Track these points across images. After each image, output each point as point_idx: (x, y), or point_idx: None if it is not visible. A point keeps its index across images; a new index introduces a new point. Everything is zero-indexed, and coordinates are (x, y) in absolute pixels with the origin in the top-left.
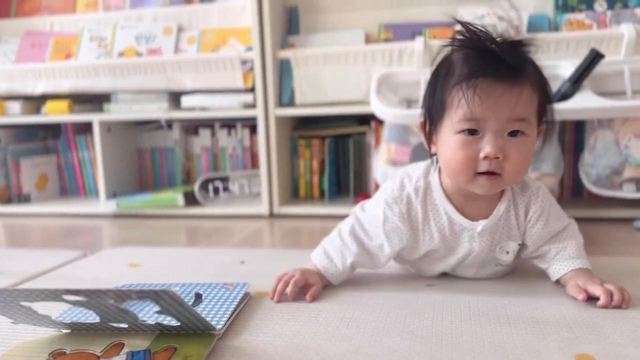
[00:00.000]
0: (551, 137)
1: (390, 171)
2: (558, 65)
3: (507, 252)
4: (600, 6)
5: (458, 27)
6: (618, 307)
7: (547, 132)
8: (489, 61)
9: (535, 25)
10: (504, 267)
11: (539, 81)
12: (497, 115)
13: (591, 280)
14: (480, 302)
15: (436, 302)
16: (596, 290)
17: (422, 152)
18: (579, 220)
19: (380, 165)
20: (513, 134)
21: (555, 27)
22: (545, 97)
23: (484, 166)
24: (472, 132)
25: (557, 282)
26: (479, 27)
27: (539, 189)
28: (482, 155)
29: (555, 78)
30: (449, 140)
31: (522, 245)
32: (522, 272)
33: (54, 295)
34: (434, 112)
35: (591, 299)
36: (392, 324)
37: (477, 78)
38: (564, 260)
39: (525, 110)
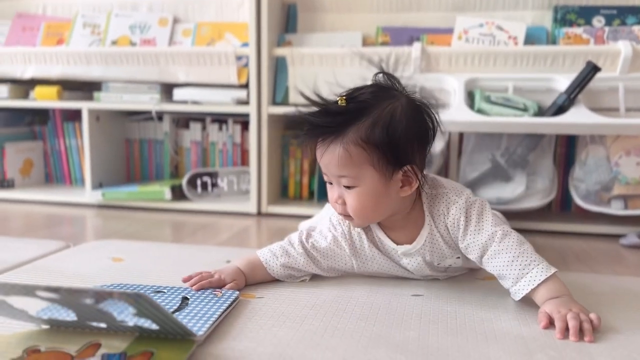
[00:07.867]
0: (547, 152)
1: None
2: (553, 79)
3: (449, 265)
4: (598, 22)
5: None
6: (576, 339)
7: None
8: (311, 129)
9: (533, 37)
10: (457, 267)
11: (369, 134)
12: (328, 172)
13: (559, 306)
14: (467, 315)
15: (423, 314)
16: (556, 321)
17: None
18: (566, 234)
19: None
20: (346, 186)
21: (553, 41)
22: (388, 144)
23: (336, 209)
24: (329, 182)
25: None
26: (318, 98)
27: (450, 205)
28: None
29: (550, 91)
30: None
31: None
32: None
33: (27, 290)
34: None
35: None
36: (377, 334)
37: (309, 143)
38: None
39: (346, 168)
